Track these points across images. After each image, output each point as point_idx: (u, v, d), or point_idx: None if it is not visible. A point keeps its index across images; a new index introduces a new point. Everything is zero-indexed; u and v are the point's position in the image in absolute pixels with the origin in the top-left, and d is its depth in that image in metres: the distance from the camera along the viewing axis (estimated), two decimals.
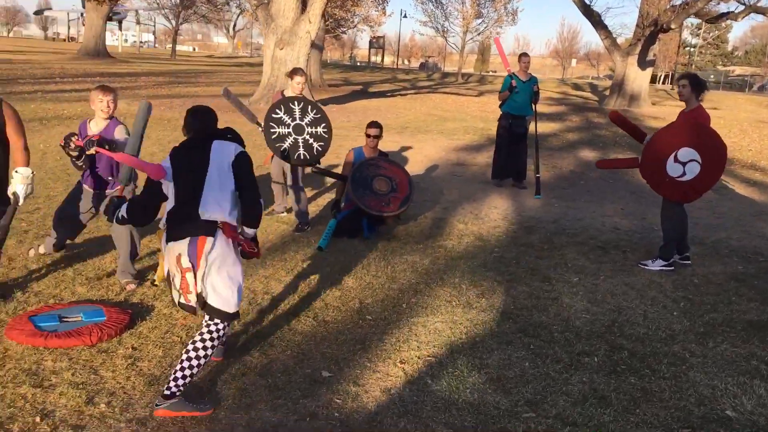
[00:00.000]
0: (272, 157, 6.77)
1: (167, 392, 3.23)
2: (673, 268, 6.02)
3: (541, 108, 25.02)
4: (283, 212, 7.11)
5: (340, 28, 48.55)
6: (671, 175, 5.83)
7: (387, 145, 12.66)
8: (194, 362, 3.29)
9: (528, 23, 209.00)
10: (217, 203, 3.36)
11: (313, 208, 7.54)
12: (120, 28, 67.13)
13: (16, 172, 4.22)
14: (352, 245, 6.23)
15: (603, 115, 22.42)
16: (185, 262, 3.28)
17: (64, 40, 77.91)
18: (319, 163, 6.55)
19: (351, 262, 5.77)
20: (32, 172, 4.30)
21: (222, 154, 3.45)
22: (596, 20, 26.42)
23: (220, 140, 3.53)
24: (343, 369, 3.83)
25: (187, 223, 3.33)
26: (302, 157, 6.37)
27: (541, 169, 9.54)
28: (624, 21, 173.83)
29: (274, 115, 6.30)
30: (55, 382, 3.48)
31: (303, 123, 6.37)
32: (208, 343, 3.34)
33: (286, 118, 6.31)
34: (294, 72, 6.77)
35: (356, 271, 5.52)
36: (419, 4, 52.45)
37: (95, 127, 4.84)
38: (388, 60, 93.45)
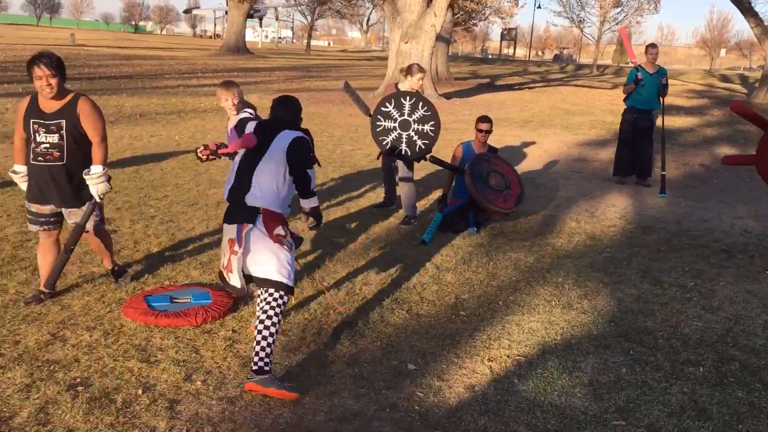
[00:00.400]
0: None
1: (255, 367, 3.41)
2: None
3: (679, 101, 23.71)
4: (391, 205, 7.18)
5: (471, 20, 48.15)
6: None
7: (507, 139, 12.49)
8: (268, 337, 3.44)
9: (672, 12, 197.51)
10: (262, 192, 3.52)
11: (422, 203, 7.57)
12: (260, 25, 70.38)
13: (87, 172, 4.17)
14: (456, 240, 6.20)
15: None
16: (233, 245, 3.53)
17: (210, 37, 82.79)
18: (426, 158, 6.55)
19: (453, 257, 5.75)
20: (103, 169, 4.19)
21: (282, 141, 3.56)
22: (746, 7, 24.52)
23: (290, 130, 3.64)
24: (429, 363, 3.84)
25: (237, 209, 3.55)
26: (403, 152, 6.40)
27: (667, 166, 9.05)
28: None
29: (383, 108, 6.37)
30: (159, 358, 3.73)
31: (411, 119, 6.39)
32: (271, 312, 3.49)
33: (394, 112, 6.37)
34: (413, 69, 6.73)
35: (456, 267, 5.50)
36: None
37: (231, 124, 5.04)
38: (521, 52, 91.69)
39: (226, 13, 48.71)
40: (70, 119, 4.10)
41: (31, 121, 4.10)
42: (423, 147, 6.41)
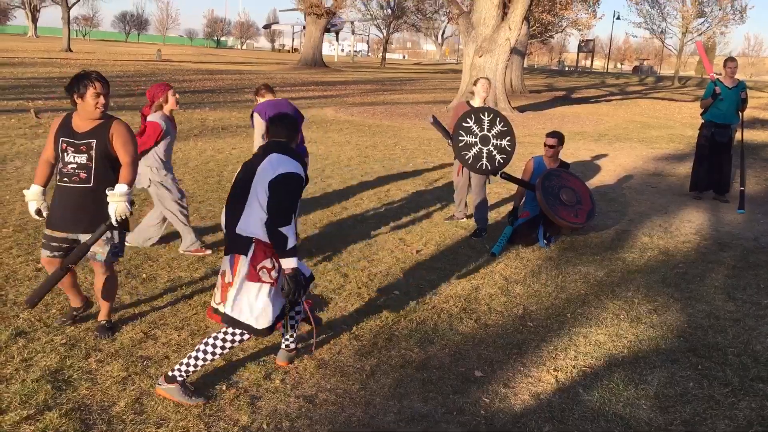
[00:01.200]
0: (462, 168, 7.01)
1: (170, 374, 3.48)
2: None
3: (764, 114, 22.82)
4: (462, 218, 7.33)
5: (547, 32, 47.73)
6: None
7: (581, 153, 12.42)
8: (200, 359, 3.50)
9: (760, 21, 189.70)
10: (253, 221, 3.42)
11: (493, 215, 7.68)
12: (337, 39, 71.72)
13: (110, 189, 3.85)
14: (525, 253, 6.30)
15: None
16: (227, 278, 3.50)
17: (289, 51, 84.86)
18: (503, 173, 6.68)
19: (522, 269, 5.85)
20: (128, 189, 3.88)
21: (267, 171, 3.41)
22: None
23: (280, 154, 3.48)
24: (495, 371, 3.98)
25: (230, 239, 3.51)
26: (484, 167, 6.56)
27: (748, 182, 8.84)
28: None
29: (464, 124, 6.55)
30: (242, 357, 4.00)
31: (490, 134, 6.56)
32: (219, 342, 3.53)
33: (475, 128, 6.55)
34: (478, 81, 6.97)
35: (526, 279, 5.60)
36: (634, 4, 50.00)
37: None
38: (599, 64, 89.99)
39: (304, 28, 49.96)
40: (101, 140, 3.92)
41: (61, 139, 3.94)
42: (501, 161, 6.57)
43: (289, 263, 3.40)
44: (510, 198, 8.60)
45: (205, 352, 3.51)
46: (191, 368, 3.49)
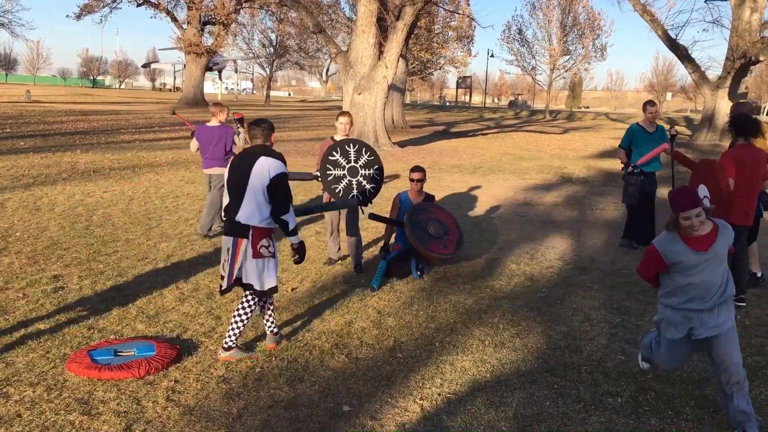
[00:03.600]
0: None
1: (225, 345, 4.59)
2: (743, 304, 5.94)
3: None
4: (338, 260, 7.32)
5: (426, 69, 49.44)
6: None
7: (457, 185, 12.87)
8: (239, 323, 4.60)
9: (620, 58, 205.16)
10: (251, 212, 4.46)
11: (370, 251, 7.81)
12: (220, 78, 70.91)
13: None
14: (399, 285, 6.45)
15: (692, 150, 21.77)
16: (229, 254, 4.50)
17: (170, 90, 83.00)
18: (370, 204, 6.81)
19: (395, 301, 5.98)
20: None
21: (262, 172, 4.41)
22: (683, 54, 25.83)
23: (267, 156, 4.46)
24: (364, 404, 4.04)
25: (232, 224, 4.51)
26: (356, 198, 6.68)
27: (605, 208, 9.43)
28: (713, 54, 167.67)
29: (331, 158, 6.65)
30: (101, 411, 3.85)
31: (357, 165, 6.71)
32: (247, 310, 4.64)
33: (342, 160, 6.66)
34: (339, 114, 7.08)
35: (398, 311, 5.73)
36: (505, 43, 52.76)
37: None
38: (477, 99, 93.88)
39: (185, 66, 49.16)
40: None
41: None
42: (372, 191, 6.72)
43: (293, 240, 4.69)
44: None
45: (237, 318, 4.62)
46: (235, 333, 4.60)
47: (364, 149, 6.79)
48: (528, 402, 4.12)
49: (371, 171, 6.78)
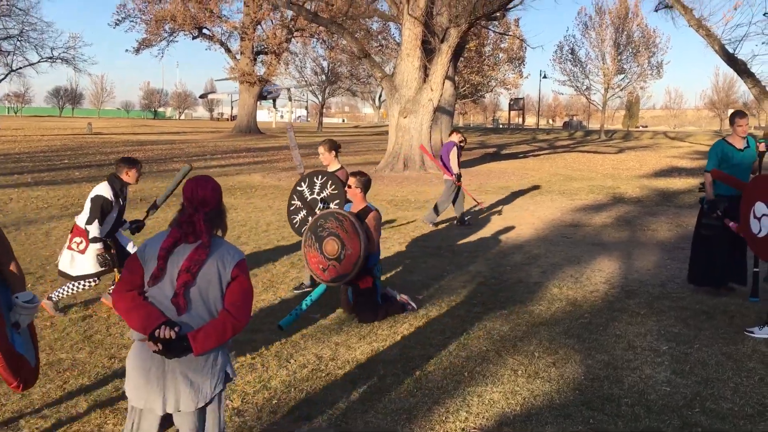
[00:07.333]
0: None
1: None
2: None
3: (683, 162, 23.76)
4: (310, 284, 6.84)
5: (477, 92, 49.19)
6: (754, 232, 5.31)
7: (501, 206, 12.52)
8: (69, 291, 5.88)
9: (678, 75, 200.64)
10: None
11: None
12: (274, 106, 72.26)
13: (16, 298, 3.17)
14: (433, 312, 6.18)
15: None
16: None
17: (227, 119, 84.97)
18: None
19: (426, 329, 5.72)
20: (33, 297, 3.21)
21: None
22: (742, 68, 24.82)
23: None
24: None
25: None
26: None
27: (658, 227, 9.00)
28: None
29: (298, 188, 6.60)
30: None
31: (319, 198, 6.58)
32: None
33: (306, 192, 6.56)
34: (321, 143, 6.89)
35: (428, 338, 5.47)
36: (557, 64, 52.10)
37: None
38: (531, 120, 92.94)
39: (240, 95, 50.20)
40: None
41: None
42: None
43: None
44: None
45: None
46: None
47: (330, 182, 6.59)
48: None
49: (331, 205, 6.46)
